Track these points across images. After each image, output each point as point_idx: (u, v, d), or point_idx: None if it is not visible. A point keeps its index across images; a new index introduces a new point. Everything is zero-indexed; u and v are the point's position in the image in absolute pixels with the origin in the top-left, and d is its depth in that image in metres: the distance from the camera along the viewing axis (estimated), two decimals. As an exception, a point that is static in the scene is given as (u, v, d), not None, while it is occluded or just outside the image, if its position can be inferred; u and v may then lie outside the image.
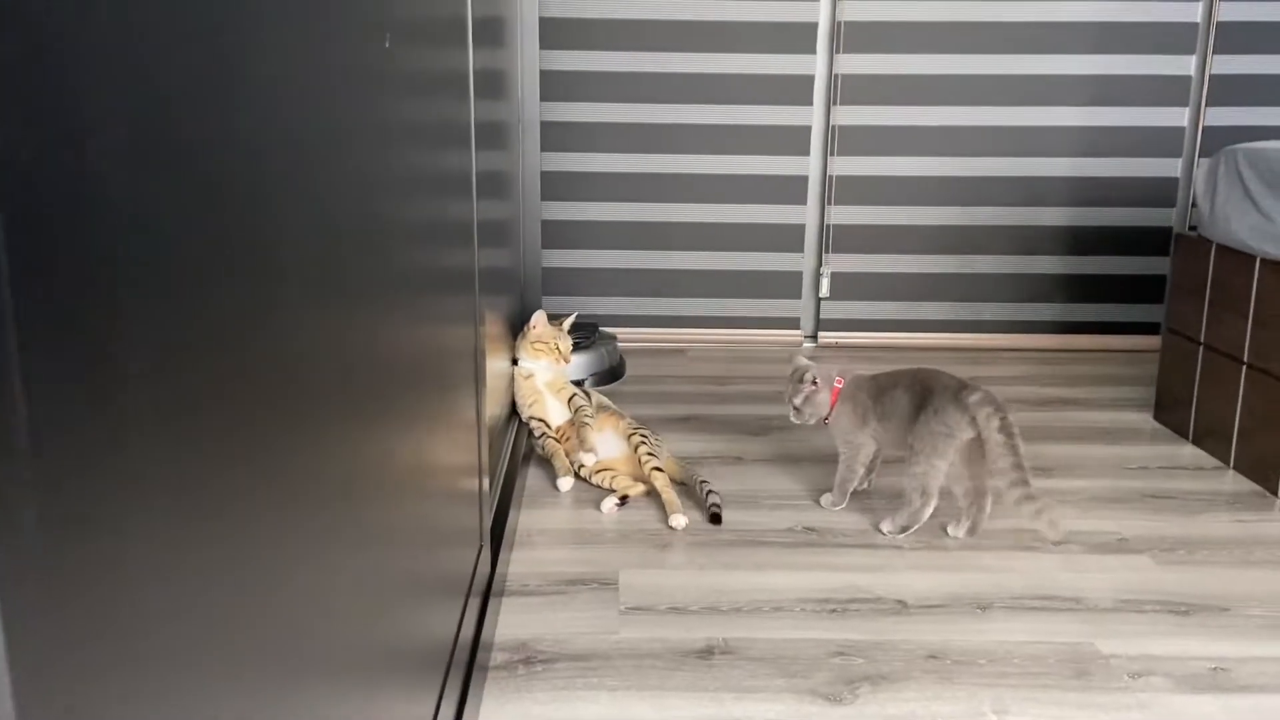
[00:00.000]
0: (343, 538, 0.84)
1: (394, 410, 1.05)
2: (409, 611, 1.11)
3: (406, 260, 1.09)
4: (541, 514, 2.09)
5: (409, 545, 1.12)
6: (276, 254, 0.66)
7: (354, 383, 0.86)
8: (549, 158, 3.26)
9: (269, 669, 0.66)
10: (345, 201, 0.83)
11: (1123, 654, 1.59)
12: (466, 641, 1.44)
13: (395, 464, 1.05)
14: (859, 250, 3.38)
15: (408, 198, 1.08)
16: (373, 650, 0.94)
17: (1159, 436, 2.59)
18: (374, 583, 0.94)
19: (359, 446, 0.89)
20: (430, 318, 1.23)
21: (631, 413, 2.42)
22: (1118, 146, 3.29)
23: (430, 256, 1.22)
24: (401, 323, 1.07)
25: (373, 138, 0.91)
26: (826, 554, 1.93)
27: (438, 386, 1.29)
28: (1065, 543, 1.97)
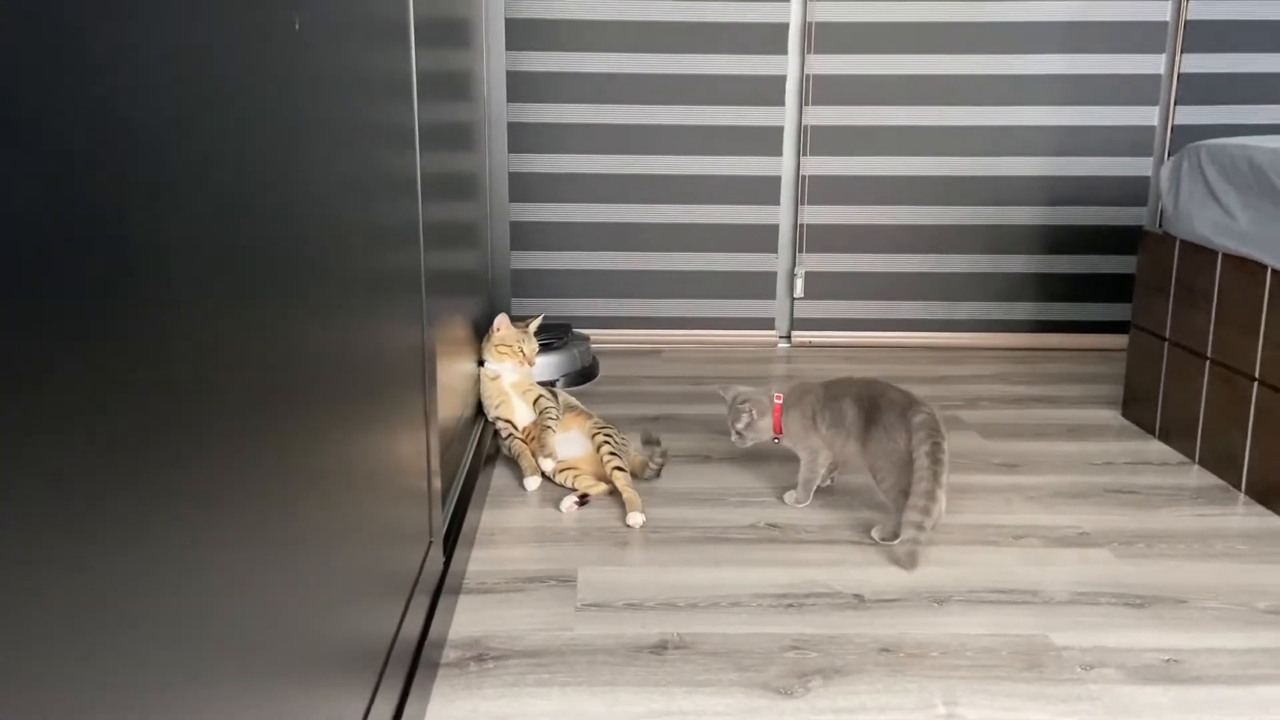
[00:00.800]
0: (272, 534, 0.83)
1: (332, 410, 1.04)
2: (342, 608, 1.10)
3: (344, 262, 1.08)
4: (505, 513, 2.09)
5: (343, 543, 1.11)
6: (202, 254, 0.66)
7: (288, 383, 0.86)
8: (518, 159, 3.26)
9: (186, 664, 0.65)
10: (272, 202, 0.83)
11: (1076, 646, 1.59)
12: (411, 638, 1.43)
13: (332, 463, 1.04)
14: (832, 250, 3.39)
15: (342, 199, 1.07)
16: (302, 646, 0.93)
17: (1126, 433, 2.60)
18: (302, 579, 0.93)
19: (293, 445, 0.88)
20: (370, 320, 1.22)
21: (602, 412, 2.42)
22: (1089, 146, 3.30)
23: (369, 259, 1.21)
24: (339, 324, 1.06)
25: (296, 138, 0.91)
26: (787, 550, 1.93)
27: (380, 387, 1.29)
28: (1026, 536, 1.97)
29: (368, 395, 1.22)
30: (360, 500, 1.18)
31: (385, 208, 1.31)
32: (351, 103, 1.13)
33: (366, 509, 1.22)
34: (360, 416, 1.18)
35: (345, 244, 1.11)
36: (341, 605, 1.10)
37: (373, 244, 1.24)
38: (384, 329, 1.31)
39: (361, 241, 1.18)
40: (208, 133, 0.68)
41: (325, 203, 1.00)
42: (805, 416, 2.10)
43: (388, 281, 1.32)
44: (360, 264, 1.18)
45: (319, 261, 0.99)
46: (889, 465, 1.94)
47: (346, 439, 1.11)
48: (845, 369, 3.17)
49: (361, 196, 1.18)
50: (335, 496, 1.05)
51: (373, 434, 1.25)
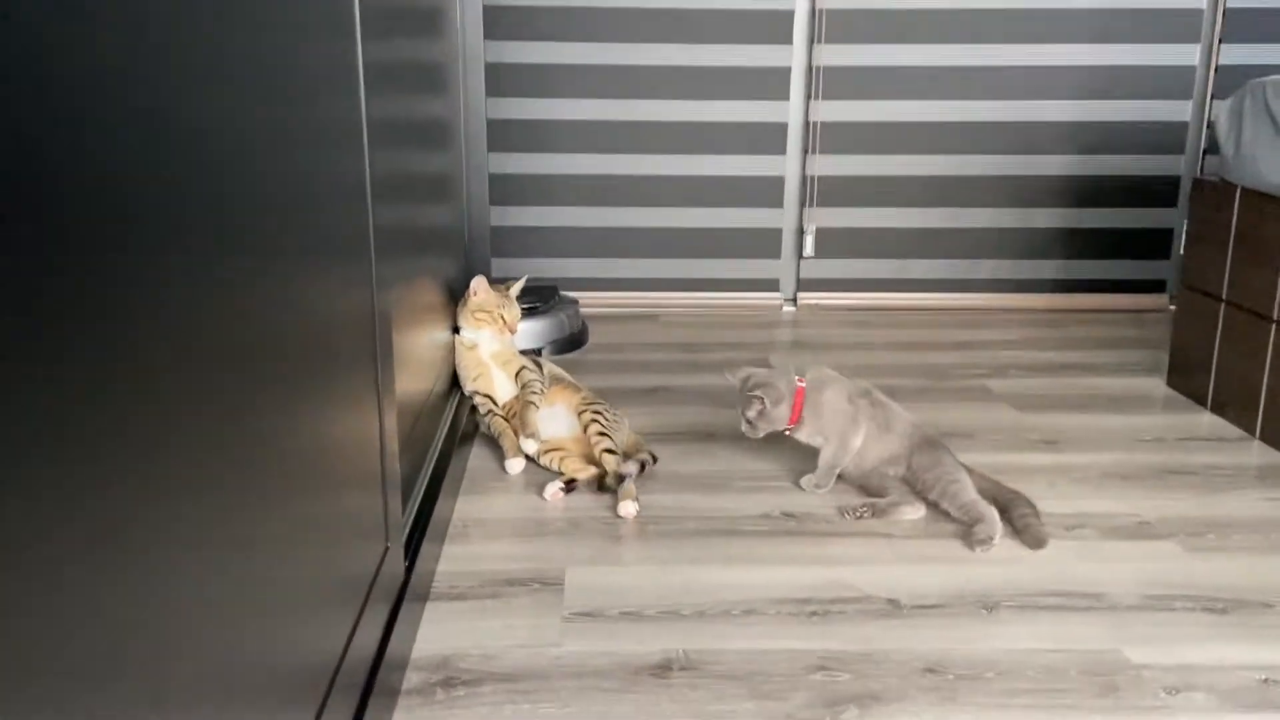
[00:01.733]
0: (186, 535, 0.71)
1: (261, 391, 0.85)
2: (275, 621, 0.89)
3: (271, 221, 0.88)
4: (483, 501, 1.83)
5: (276, 542, 0.89)
6: (94, 214, 0.57)
7: (209, 360, 0.74)
8: (497, 104, 2.96)
9: (95, 686, 0.57)
10: (176, 153, 0.69)
11: (1155, 663, 1.35)
12: (363, 657, 1.18)
13: (261, 450, 0.85)
14: (843, 204, 3.11)
15: (266, 150, 0.87)
16: (223, 669, 0.77)
17: (1174, 404, 2.35)
18: (223, 588, 0.78)
19: (212, 431, 0.75)
20: (303, 285, 0.98)
21: (592, 384, 2.16)
22: (1123, 88, 3.02)
23: (301, 217, 0.98)
24: (263, 292, 0.86)
25: (206, 77, 0.74)
26: (807, 544, 1.68)
27: (319, 362, 1.03)
28: (1080, 526, 1.72)
29: (303, 371, 0.97)
30: (297, 492, 0.96)
31: (319, 158, 1.04)
32: (276, 37, 0.90)
33: (305, 502, 0.99)
34: (295, 396, 0.95)
35: (270, 201, 0.88)
36: (274, 618, 0.89)
37: (303, 200, 0.99)
38: (320, 295, 1.05)
39: (289, 198, 0.94)
40: (108, 73, 0.60)
41: (244, 153, 0.82)
42: (843, 407, 1.84)
43: (324, 242, 1.06)
44: (290, 223, 0.94)
45: (240, 221, 0.81)
46: (945, 476, 1.75)
47: (278, 423, 0.90)
48: (858, 335, 2.91)
49: (288, 146, 0.94)
50: (266, 488, 0.87)
51: (311, 416, 1.00)
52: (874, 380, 2.49)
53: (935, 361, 2.65)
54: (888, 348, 2.77)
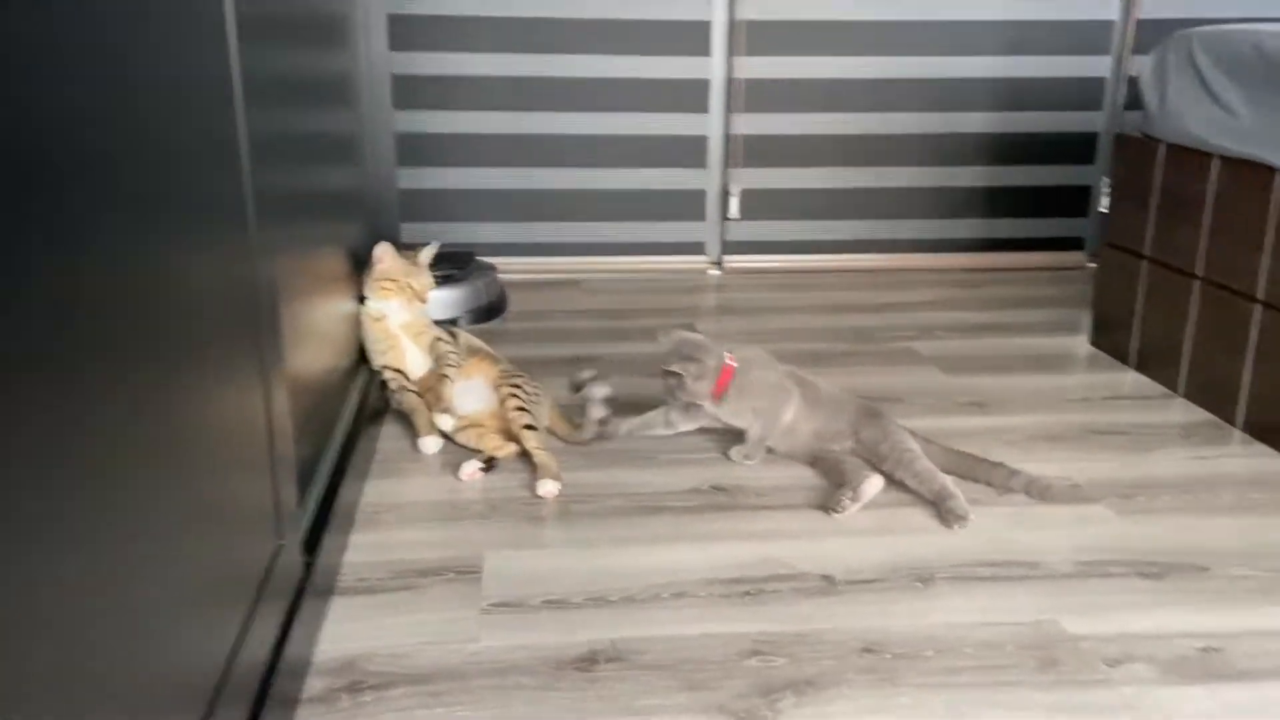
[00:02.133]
0: (44, 529, 0.62)
1: (121, 368, 0.76)
2: (146, 626, 0.80)
3: (127, 185, 0.78)
4: (395, 484, 1.72)
5: (145, 535, 0.80)
6: None
7: (63, 336, 0.66)
8: (402, 58, 2.80)
9: None
10: (28, 111, 0.61)
11: (1094, 634, 1.31)
12: (255, 663, 1.08)
13: (124, 435, 0.76)
14: (767, 164, 3.03)
15: (118, 107, 0.77)
16: (94, 678, 0.69)
17: (1098, 363, 2.34)
18: (91, 586, 0.69)
19: (71, 412, 0.67)
20: (172, 253, 0.87)
21: (512, 355, 2.06)
22: (1042, 43, 2.99)
23: (166, 180, 0.86)
24: (126, 260, 0.77)
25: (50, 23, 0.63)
26: (738, 519, 1.61)
27: (192, 336, 0.92)
28: (1011, 492, 1.68)
29: (172, 348, 0.87)
30: (171, 481, 0.86)
31: (181, 116, 0.92)
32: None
33: (181, 491, 0.89)
34: (164, 375, 0.85)
35: (125, 162, 0.78)
36: (146, 620, 0.79)
37: (165, 162, 0.87)
38: (189, 264, 0.93)
39: (147, 159, 0.83)
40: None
41: (95, 111, 0.72)
42: (772, 380, 1.78)
43: (191, 207, 0.94)
44: (150, 187, 0.83)
45: (90, 183, 0.71)
46: (898, 446, 1.70)
47: (145, 404, 0.80)
48: (784, 298, 2.85)
49: (147, 103, 0.83)
50: (134, 477, 0.78)
51: (184, 396, 0.90)
52: (802, 344, 2.44)
53: (861, 324, 2.60)
54: (814, 311, 2.72)
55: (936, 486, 1.63)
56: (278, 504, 1.19)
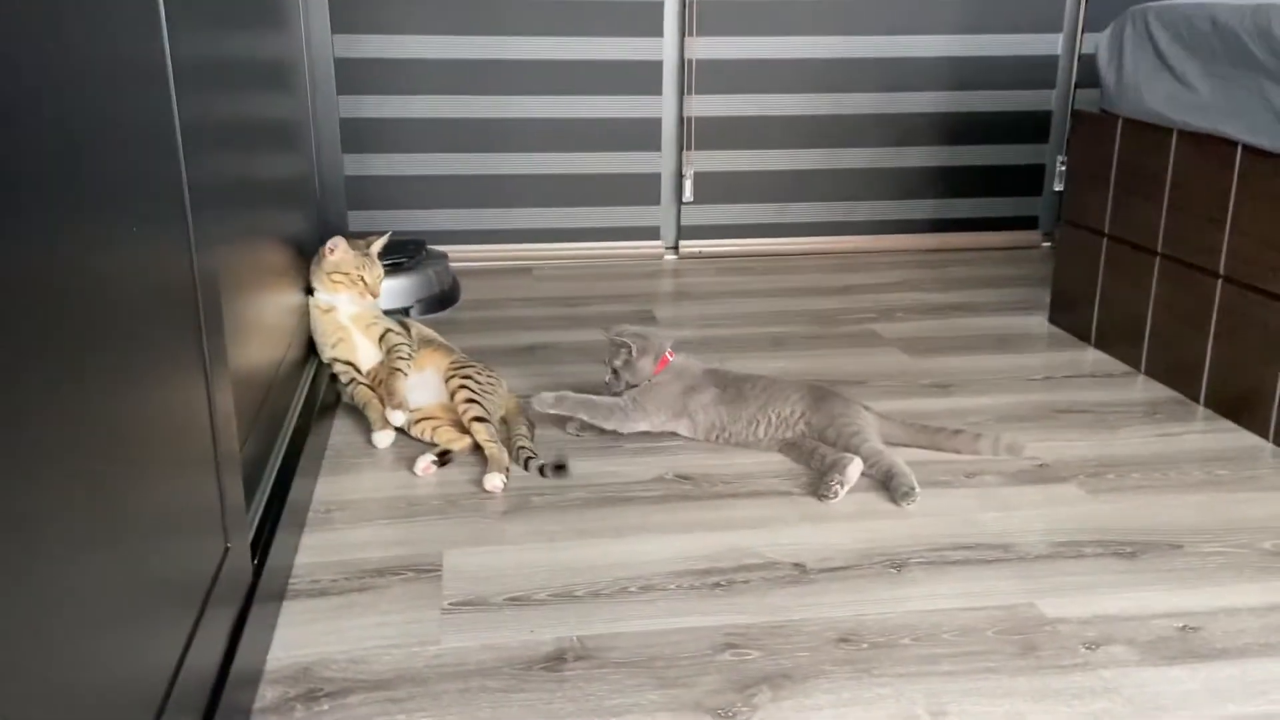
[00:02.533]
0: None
1: (53, 366, 0.70)
2: (83, 637, 0.73)
3: (53, 174, 0.72)
4: (348, 480, 1.65)
5: (79, 543, 0.73)
6: None
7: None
8: (346, 41, 2.71)
9: None
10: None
11: (1071, 616, 1.29)
12: (204, 673, 1.02)
13: (55, 435, 0.70)
14: (721, 146, 2.99)
15: (42, 92, 0.70)
16: (27, 693, 0.64)
17: (1058, 341, 2.33)
18: (20, 595, 0.64)
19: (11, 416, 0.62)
20: (102, 245, 0.80)
21: (466, 345, 1.99)
22: (995, 21, 2.98)
23: (94, 169, 0.79)
24: (53, 253, 0.71)
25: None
26: (705, 508, 1.56)
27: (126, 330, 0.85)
28: (980, 473, 1.66)
29: (106, 343, 0.80)
30: (107, 483, 0.80)
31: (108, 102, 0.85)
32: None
33: (118, 493, 0.82)
34: (99, 372, 0.79)
35: (51, 151, 0.71)
36: (83, 630, 0.73)
37: (91, 151, 0.80)
38: (121, 256, 0.86)
39: (73, 147, 0.76)
40: None
41: (16, 95, 0.67)
42: (677, 398, 1.78)
43: (121, 197, 0.87)
44: (76, 176, 0.76)
45: (13, 175, 0.65)
46: (850, 425, 1.68)
47: (77, 403, 0.74)
48: (741, 282, 2.81)
49: (71, 87, 0.76)
50: (67, 479, 0.72)
51: (119, 394, 0.83)
52: (762, 328, 2.40)
53: (821, 307, 2.57)
54: (773, 294, 2.68)
55: (885, 466, 1.60)
56: (223, 504, 1.12)
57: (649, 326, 1.85)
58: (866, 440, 1.65)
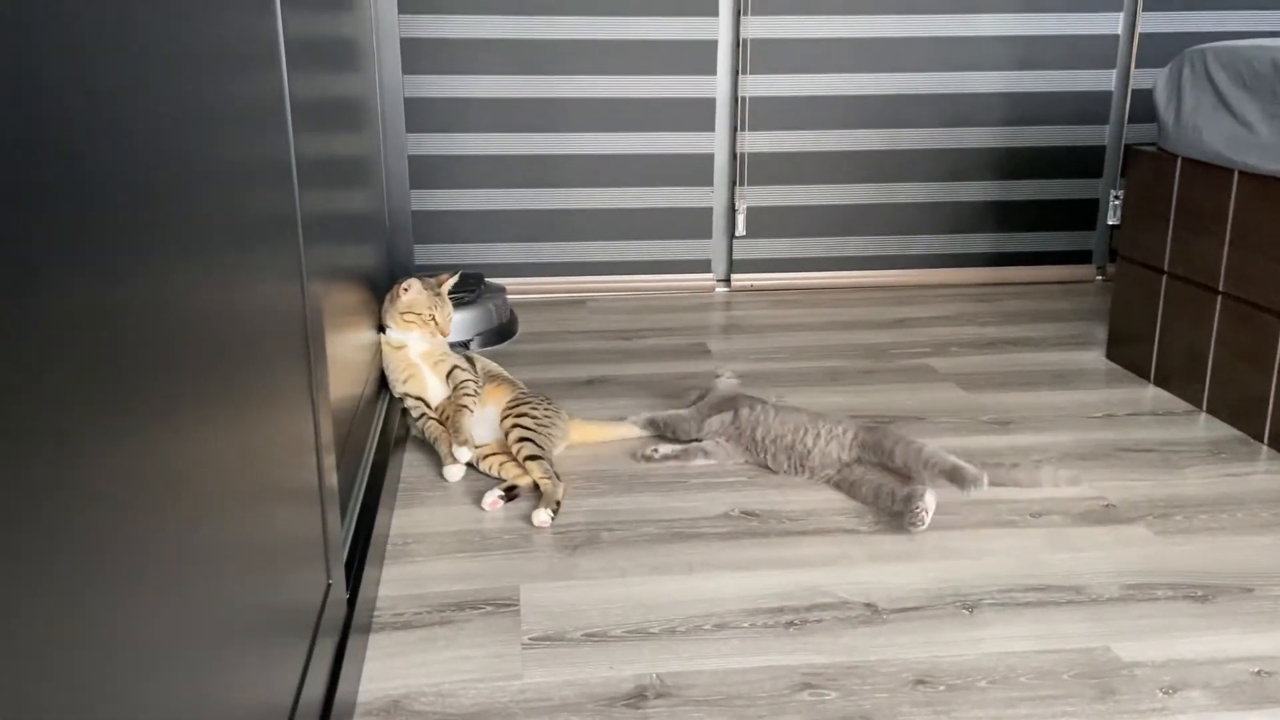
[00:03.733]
0: (110, 563, 0.59)
1: (183, 395, 0.73)
2: (224, 668, 0.78)
3: (193, 205, 0.76)
4: (422, 513, 1.69)
5: (203, 571, 0.77)
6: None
7: (119, 361, 0.62)
8: (414, 81, 2.79)
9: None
10: (96, 136, 0.58)
11: (1147, 660, 1.30)
12: (313, 706, 1.05)
13: (190, 465, 0.74)
14: (774, 182, 3.03)
15: (188, 130, 0.75)
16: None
17: (1117, 378, 2.33)
18: (168, 626, 0.68)
19: (132, 445, 0.64)
20: (228, 276, 0.85)
21: (526, 378, 2.04)
22: (1048, 58, 3.00)
23: (227, 202, 0.85)
24: (184, 284, 0.74)
25: (130, 57, 0.62)
26: (773, 545, 1.59)
27: (247, 361, 0.90)
28: (1046, 513, 1.67)
29: (231, 373, 0.84)
30: (228, 513, 0.83)
31: (243, 138, 0.90)
32: (200, 13, 0.78)
33: (238, 523, 0.86)
34: (224, 402, 0.83)
35: (196, 184, 0.76)
36: (210, 663, 0.76)
37: (233, 183, 0.85)
38: (248, 287, 0.91)
39: (215, 179, 0.81)
40: (14, 45, 0.49)
41: (166, 135, 0.70)
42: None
43: (251, 229, 0.92)
44: (217, 208, 0.82)
45: (161, 206, 0.69)
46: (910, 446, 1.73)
47: (204, 433, 0.77)
48: (794, 316, 2.84)
49: (211, 125, 0.81)
50: (197, 509, 0.75)
51: (242, 424, 0.87)
52: (817, 362, 2.43)
53: (875, 341, 2.59)
54: (825, 328, 2.70)
55: (948, 464, 1.65)
56: (325, 536, 1.16)
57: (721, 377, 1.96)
58: (925, 446, 1.69)
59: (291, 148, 1.08)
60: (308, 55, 1.30)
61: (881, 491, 1.68)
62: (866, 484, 1.70)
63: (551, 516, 1.64)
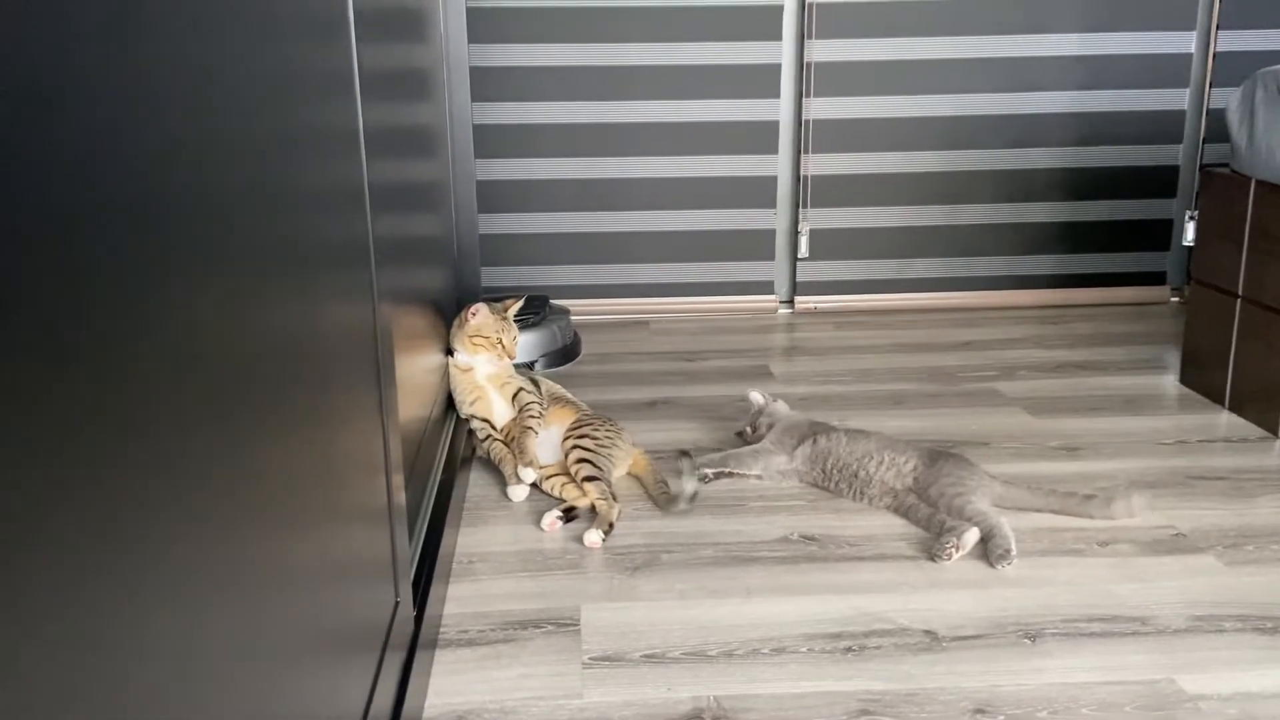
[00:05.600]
0: (200, 581, 0.63)
1: (262, 415, 0.76)
2: (298, 680, 0.81)
3: (273, 230, 0.80)
4: (486, 532, 1.73)
5: (295, 588, 0.82)
6: (99, 227, 0.51)
7: (202, 382, 0.66)
8: (483, 108, 2.86)
9: None
10: (183, 165, 0.63)
11: (1212, 693, 1.27)
12: (381, 718, 1.09)
13: (269, 483, 0.77)
14: (837, 204, 3.03)
15: (269, 158, 0.79)
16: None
17: (1190, 403, 2.28)
18: (247, 639, 0.71)
19: (215, 464, 0.67)
20: (304, 299, 0.90)
21: (589, 400, 2.07)
22: (1119, 77, 2.96)
23: (302, 227, 0.89)
24: (264, 307, 0.78)
25: (213, 85, 0.68)
26: (832, 570, 1.59)
27: (321, 382, 0.94)
28: (1114, 541, 1.65)
29: (307, 392, 0.89)
30: (306, 528, 0.87)
31: (319, 164, 0.95)
32: (277, 45, 0.82)
33: (312, 541, 0.90)
34: (300, 421, 0.86)
35: (274, 209, 0.80)
36: (290, 674, 0.80)
37: (308, 207, 0.90)
38: (324, 309, 0.95)
39: (294, 205, 0.86)
40: (106, 77, 0.53)
41: (248, 161, 0.75)
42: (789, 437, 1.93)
43: (327, 251, 0.97)
44: (293, 232, 0.86)
45: (242, 231, 0.73)
46: (960, 489, 1.71)
47: (281, 450, 0.81)
48: (857, 337, 2.83)
49: (289, 152, 0.86)
50: (279, 526, 0.79)
51: (316, 443, 0.91)
52: (881, 385, 2.42)
53: (940, 363, 2.57)
54: (890, 350, 2.69)
55: (987, 526, 1.62)
56: (394, 553, 1.21)
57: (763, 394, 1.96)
58: (970, 501, 1.66)
59: (364, 174, 1.13)
60: (382, 85, 1.35)
61: (933, 521, 1.67)
62: (923, 510, 1.70)
63: (603, 538, 1.67)
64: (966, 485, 1.71)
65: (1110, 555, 1.61)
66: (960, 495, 1.68)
